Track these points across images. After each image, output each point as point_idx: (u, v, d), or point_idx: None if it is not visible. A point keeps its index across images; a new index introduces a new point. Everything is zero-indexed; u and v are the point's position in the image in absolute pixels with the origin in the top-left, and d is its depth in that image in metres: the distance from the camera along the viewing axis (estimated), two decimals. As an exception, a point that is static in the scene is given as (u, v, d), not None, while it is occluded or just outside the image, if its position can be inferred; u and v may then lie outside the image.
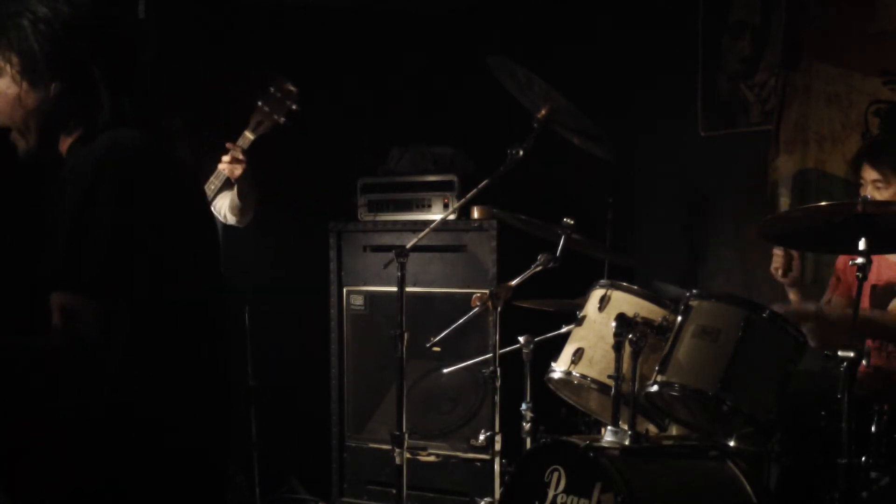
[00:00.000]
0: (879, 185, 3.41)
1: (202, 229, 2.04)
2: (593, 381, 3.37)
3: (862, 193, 3.45)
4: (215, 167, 3.82)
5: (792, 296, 3.68)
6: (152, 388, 1.86)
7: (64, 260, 1.77)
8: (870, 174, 3.44)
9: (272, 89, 3.81)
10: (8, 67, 1.93)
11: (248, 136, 3.81)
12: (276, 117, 3.80)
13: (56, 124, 1.97)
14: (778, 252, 3.65)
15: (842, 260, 3.72)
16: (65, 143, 1.99)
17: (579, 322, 3.52)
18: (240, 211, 3.96)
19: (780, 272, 3.64)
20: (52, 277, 1.77)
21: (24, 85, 1.93)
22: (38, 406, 1.83)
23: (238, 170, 3.79)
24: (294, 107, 3.80)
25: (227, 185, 3.87)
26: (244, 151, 3.80)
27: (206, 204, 2.18)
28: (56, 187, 1.87)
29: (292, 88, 3.82)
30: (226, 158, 3.78)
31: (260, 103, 3.81)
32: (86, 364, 1.76)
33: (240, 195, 3.89)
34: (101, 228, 1.77)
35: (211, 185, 3.80)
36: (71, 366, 1.76)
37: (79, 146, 1.96)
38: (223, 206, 3.98)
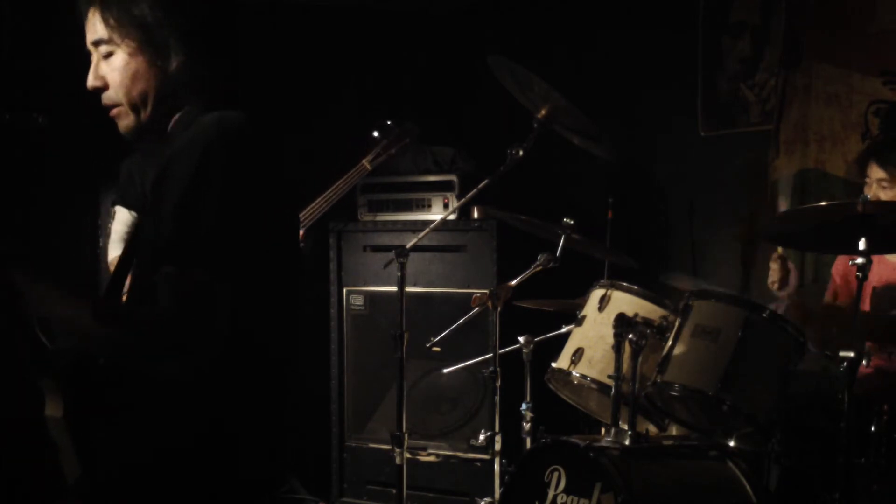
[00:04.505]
0: (885, 184, 3.41)
1: (291, 220, 2.06)
2: (593, 381, 3.37)
3: (866, 192, 3.45)
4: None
5: (792, 306, 3.68)
6: (244, 365, 1.89)
7: (174, 234, 1.78)
8: (876, 173, 3.44)
9: (389, 123, 3.78)
10: (125, 43, 1.94)
11: (367, 166, 3.76)
12: (392, 151, 3.79)
13: (173, 100, 1.98)
14: (774, 265, 3.64)
15: (839, 265, 3.72)
16: (171, 120, 2.01)
17: (579, 322, 3.52)
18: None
19: (776, 286, 3.64)
20: (161, 252, 1.79)
21: (143, 60, 1.94)
22: (139, 371, 1.84)
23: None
24: (408, 142, 3.80)
25: None
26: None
27: (295, 197, 2.17)
28: (164, 164, 1.88)
29: (410, 126, 3.81)
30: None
31: (377, 134, 3.78)
32: (190, 335, 1.77)
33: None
34: (211, 205, 1.78)
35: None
36: (176, 335, 1.77)
37: (181, 125, 1.97)
38: None
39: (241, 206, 1.82)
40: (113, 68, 1.96)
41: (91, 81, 1.99)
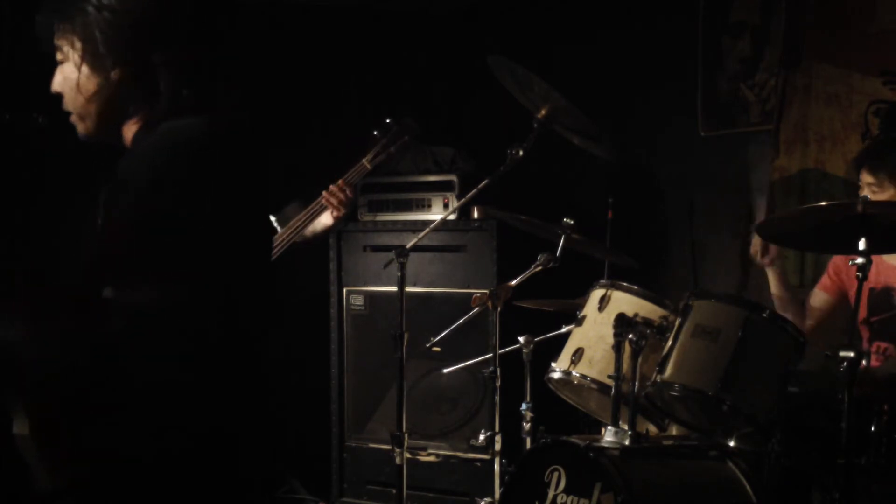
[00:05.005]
0: (875, 188, 3.43)
1: (254, 226, 2.02)
2: (593, 381, 3.37)
3: (860, 194, 3.46)
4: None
5: (771, 276, 3.71)
6: (234, 366, 1.88)
7: (120, 252, 1.78)
8: (866, 178, 3.46)
9: (388, 121, 3.75)
10: (71, 52, 1.95)
11: (367, 165, 3.73)
12: (391, 150, 3.74)
13: (117, 110, 1.98)
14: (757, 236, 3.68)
15: (835, 260, 3.72)
16: (129, 131, 2.00)
17: (579, 322, 3.52)
18: (307, 241, 3.80)
19: (758, 255, 3.66)
20: (108, 270, 1.78)
21: (85, 70, 1.95)
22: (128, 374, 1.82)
23: (343, 207, 3.69)
24: (408, 139, 3.75)
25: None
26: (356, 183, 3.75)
27: (263, 202, 2.15)
28: (117, 179, 1.88)
29: (410, 122, 3.77)
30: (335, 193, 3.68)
31: (376, 133, 3.75)
32: (144, 351, 1.77)
33: (328, 228, 3.78)
34: (158, 221, 1.77)
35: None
36: (131, 352, 1.76)
37: (142, 135, 1.96)
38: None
39: (194, 217, 1.80)
40: (63, 77, 1.98)
41: (52, 87, 2.01)
